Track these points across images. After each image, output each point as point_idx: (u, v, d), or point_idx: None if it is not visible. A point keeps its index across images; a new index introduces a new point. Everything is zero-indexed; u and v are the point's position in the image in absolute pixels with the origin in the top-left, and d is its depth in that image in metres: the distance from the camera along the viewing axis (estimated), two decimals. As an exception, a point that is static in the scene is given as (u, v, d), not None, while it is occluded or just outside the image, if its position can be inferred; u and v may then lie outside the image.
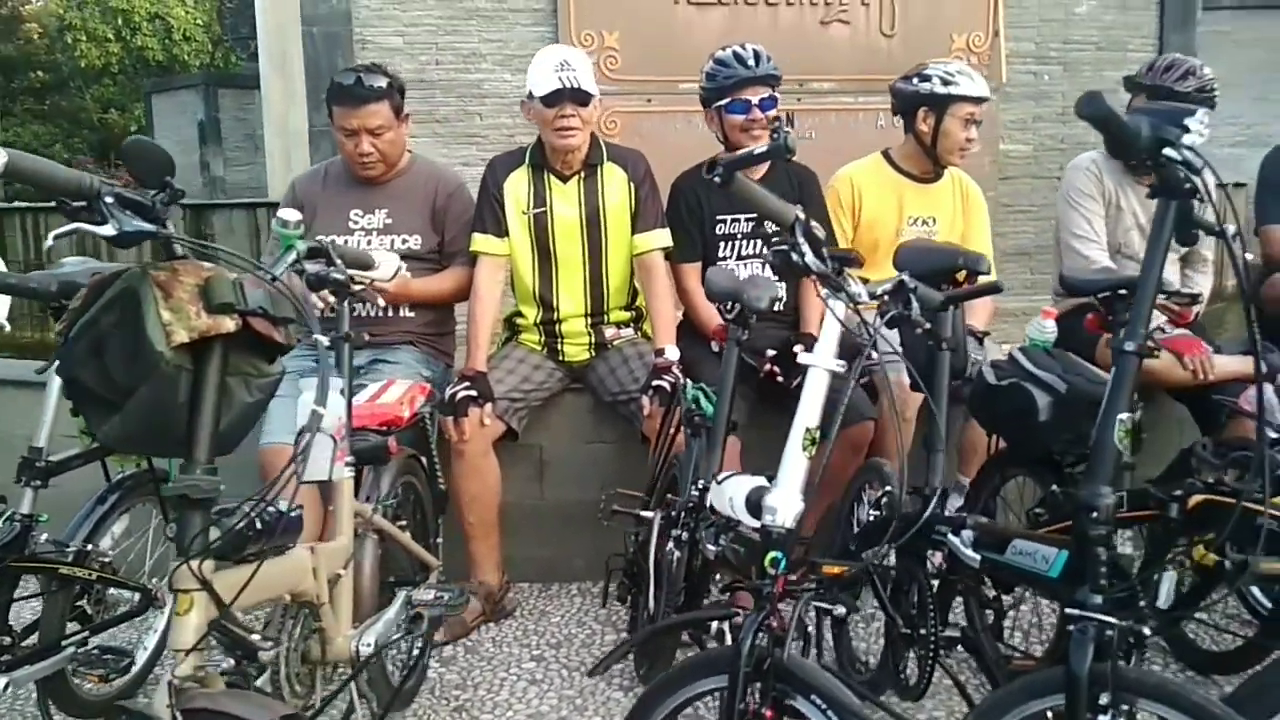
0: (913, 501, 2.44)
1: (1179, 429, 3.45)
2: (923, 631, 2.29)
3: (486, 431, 3.13)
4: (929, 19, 5.62)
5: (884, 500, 2.66)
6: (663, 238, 3.32)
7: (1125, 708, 1.68)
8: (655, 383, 3.08)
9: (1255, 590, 3.00)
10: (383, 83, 3.26)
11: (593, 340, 3.37)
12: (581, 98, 3.14)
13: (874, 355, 2.07)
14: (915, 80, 3.47)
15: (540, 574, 3.56)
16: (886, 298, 2.08)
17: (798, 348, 3.16)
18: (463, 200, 3.39)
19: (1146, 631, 1.76)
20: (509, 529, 3.35)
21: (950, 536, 2.23)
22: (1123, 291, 2.54)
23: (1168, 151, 1.71)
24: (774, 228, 3.45)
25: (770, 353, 3.17)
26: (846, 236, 3.57)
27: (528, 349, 3.40)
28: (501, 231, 3.26)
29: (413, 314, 3.33)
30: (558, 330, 3.35)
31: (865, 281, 1.99)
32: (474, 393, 3.08)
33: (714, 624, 2.02)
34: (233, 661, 1.91)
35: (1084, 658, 1.70)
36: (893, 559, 2.40)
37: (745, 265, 3.44)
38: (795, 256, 1.74)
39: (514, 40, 5.35)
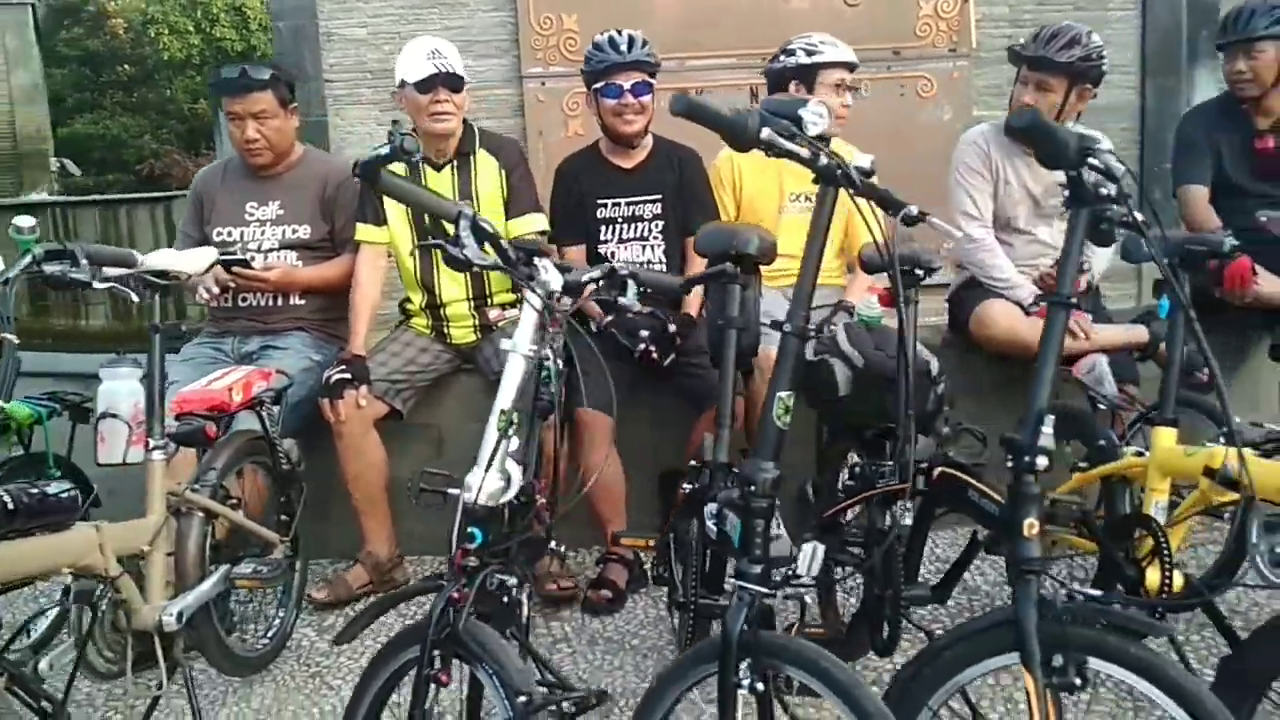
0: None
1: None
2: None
3: (365, 412, 3.28)
4: (893, -14, 5.55)
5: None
6: (537, 221, 3.43)
7: (770, 673, 1.76)
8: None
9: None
10: (266, 75, 3.48)
11: (477, 322, 3.49)
12: (454, 83, 3.28)
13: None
14: (781, 57, 3.50)
15: (439, 548, 3.70)
16: (597, 285, 2.15)
17: (672, 327, 3.26)
18: (351, 189, 3.53)
19: (809, 601, 1.83)
20: (407, 504, 3.49)
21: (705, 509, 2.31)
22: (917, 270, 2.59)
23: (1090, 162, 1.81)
24: (652, 212, 3.57)
25: (644, 333, 3.25)
26: (729, 214, 3.61)
27: (416, 332, 3.54)
28: (380, 220, 3.40)
29: (303, 301, 3.50)
30: (443, 314, 3.48)
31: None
32: (348, 376, 3.23)
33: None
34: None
35: (736, 625, 1.77)
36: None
37: (626, 248, 3.53)
38: (455, 250, 1.83)
39: (475, 26, 5.45)
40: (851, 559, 2.65)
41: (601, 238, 3.53)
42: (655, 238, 3.52)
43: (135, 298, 2.51)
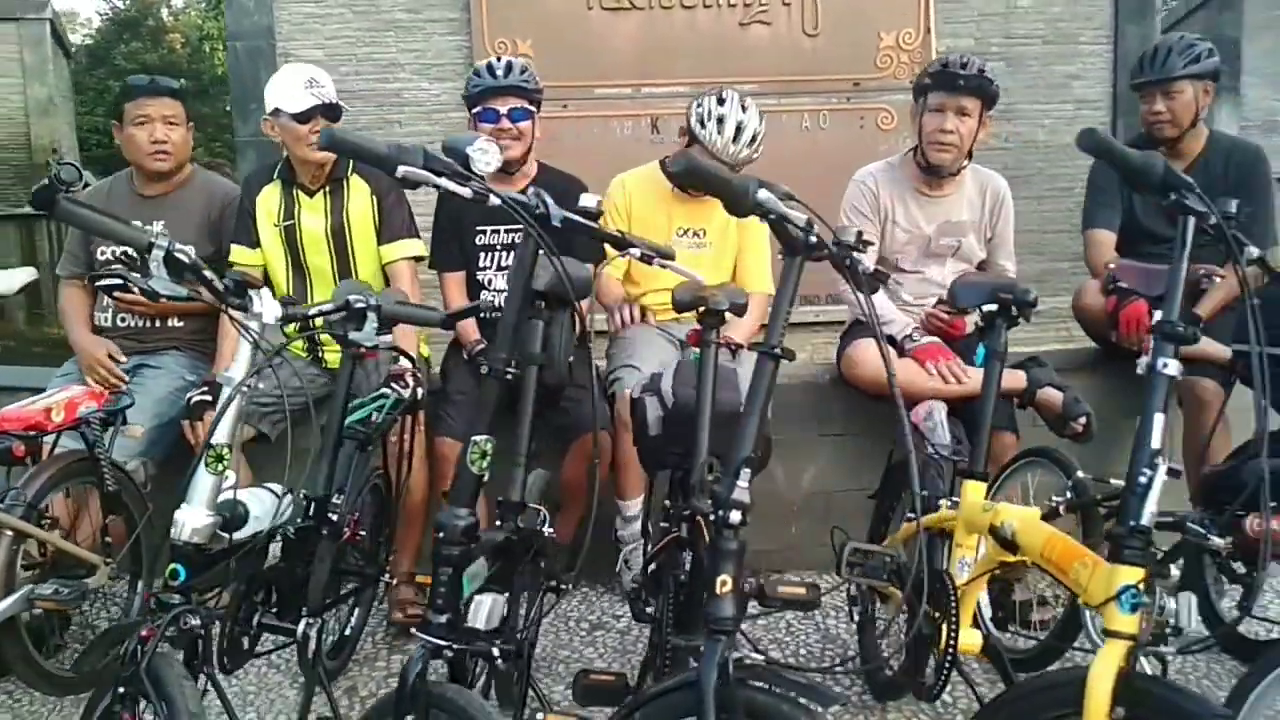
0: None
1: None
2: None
3: (226, 435, 3.27)
4: (854, 16, 5.45)
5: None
6: (408, 247, 3.41)
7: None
8: (382, 390, 3.16)
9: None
10: (176, 85, 3.59)
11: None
12: (332, 113, 3.29)
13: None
14: (693, 104, 3.41)
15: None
16: (328, 318, 2.11)
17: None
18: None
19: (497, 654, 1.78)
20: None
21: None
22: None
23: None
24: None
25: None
26: (624, 235, 3.56)
27: (293, 355, 3.52)
28: (254, 243, 3.41)
29: (181, 323, 3.52)
30: (317, 338, 3.46)
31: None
32: (209, 398, 3.22)
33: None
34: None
35: (410, 674, 1.73)
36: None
37: (503, 276, 3.49)
38: (140, 282, 1.81)
39: (430, 50, 5.48)
40: (635, 609, 2.60)
41: (480, 264, 3.51)
42: (535, 267, 3.48)
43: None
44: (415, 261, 3.46)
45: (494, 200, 1.72)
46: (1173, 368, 1.78)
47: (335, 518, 2.60)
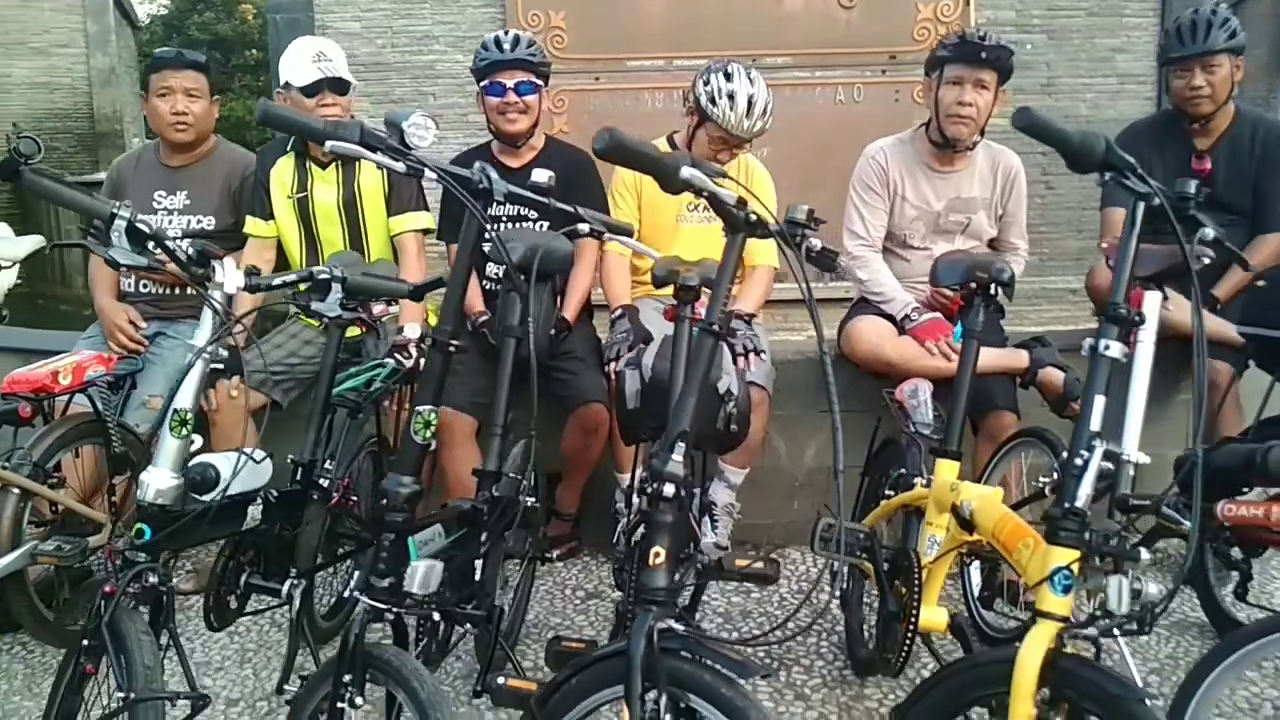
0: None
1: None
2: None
3: (238, 403, 3.35)
4: (891, -13, 5.41)
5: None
6: (417, 220, 3.47)
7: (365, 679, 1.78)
8: (384, 359, 3.23)
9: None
10: (202, 58, 3.65)
11: (364, 319, 3.53)
12: (340, 87, 3.36)
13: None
14: (699, 82, 3.39)
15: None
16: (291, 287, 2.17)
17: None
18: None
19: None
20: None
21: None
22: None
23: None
24: (533, 213, 3.55)
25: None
26: (634, 217, 3.57)
27: (304, 324, 3.60)
28: (267, 215, 3.48)
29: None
30: (331, 307, 3.54)
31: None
32: (220, 366, 3.31)
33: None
34: None
35: (350, 635, 1.79)
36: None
37: (510, 248, 3.52)
38: (100, 251, 1.87)
39: (465, 22, 5.53)
40: (617, 579, 2.63)
41: (486, 237, 3.54)
42: (540, 239, 3.52)
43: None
44: (423, 234, 3.51)
45: (429, 174, 1.75)
46: (1115, 350, 1.77)
47: (326, 483, 2.67)
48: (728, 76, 3.36)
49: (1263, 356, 2.99)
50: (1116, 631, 1.64)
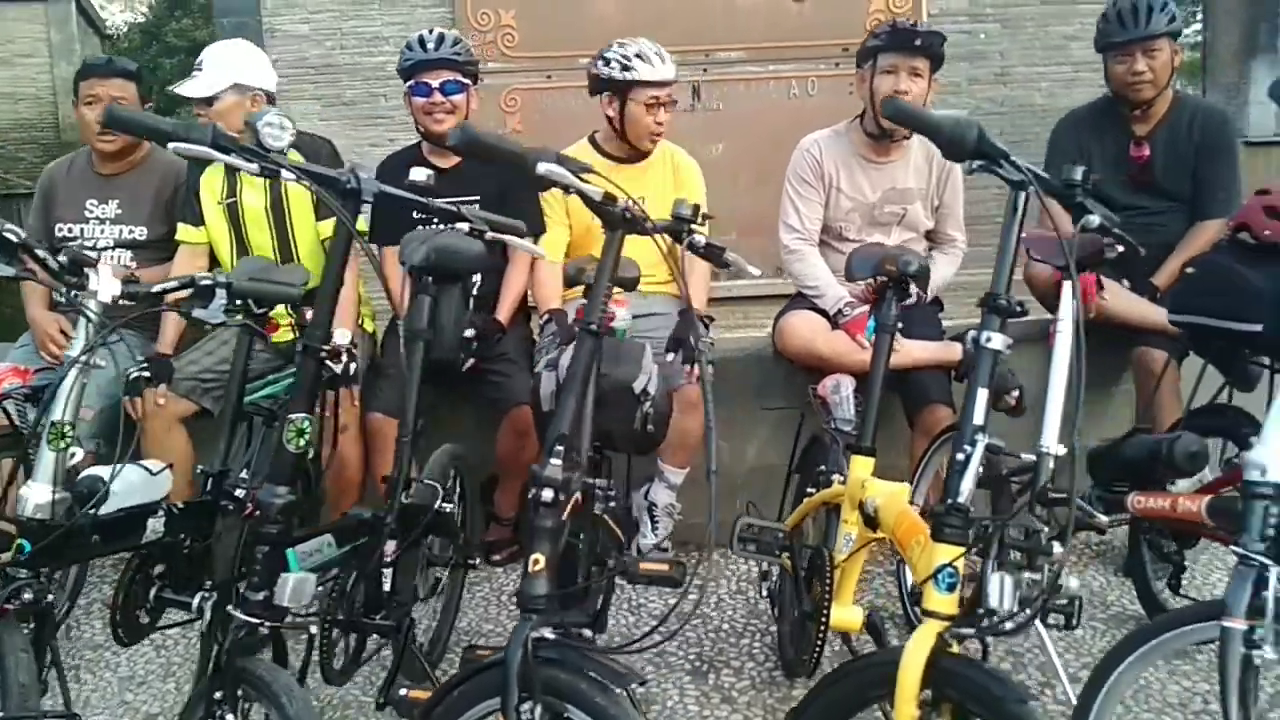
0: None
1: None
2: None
3: (167, 410, 3.32)
4: (842, -21, 5.36)
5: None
6: (346, 223, 3.42)
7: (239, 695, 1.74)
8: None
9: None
10: (133, 67, 3.63)
11: (295, 322, 3.49)
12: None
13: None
14: (598, 63, 3.37)
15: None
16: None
17: (470, 332, 3.21)
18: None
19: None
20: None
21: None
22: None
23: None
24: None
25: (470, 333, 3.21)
26: (563, 222, 3.53)
27: (238, 331, 3.57)
28: (198, 221, 3.44)
29: (134, 302, 3.56)
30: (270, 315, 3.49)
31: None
32: (148, 374, 3.28)
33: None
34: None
35: (220, 650, 1.75)
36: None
37: (442, 250, 3.48)
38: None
39: (414, 23, 5.45)
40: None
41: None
42: (472, 239, 3.47)
43: None
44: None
45: (286, 175, 1.72)
46: (997, 341, 1.74)
47: (242, 493, 2.63)
48: (621, 45, 3.35)
49: (1196, 344, 2.96)
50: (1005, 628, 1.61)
